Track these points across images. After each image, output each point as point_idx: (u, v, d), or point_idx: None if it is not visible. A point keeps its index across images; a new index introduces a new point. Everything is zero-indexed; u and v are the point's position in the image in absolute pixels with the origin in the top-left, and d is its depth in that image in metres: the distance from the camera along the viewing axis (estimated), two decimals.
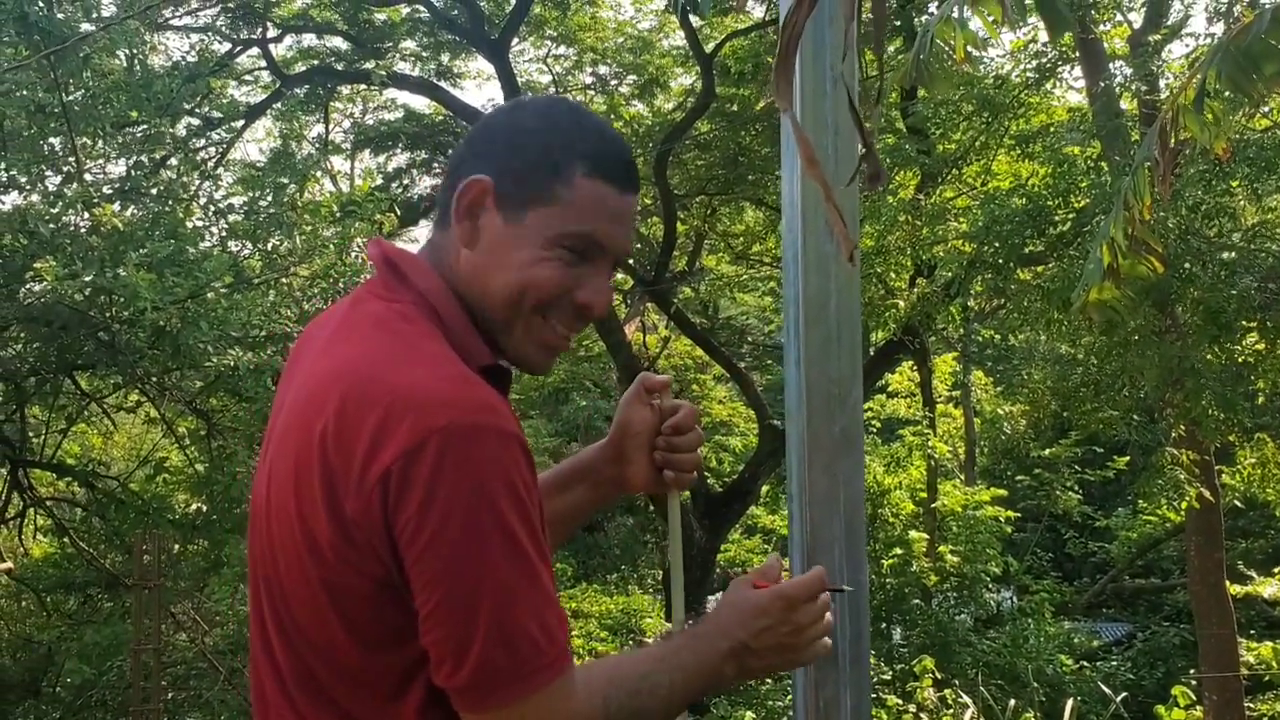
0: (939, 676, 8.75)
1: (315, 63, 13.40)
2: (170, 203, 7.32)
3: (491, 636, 1.15)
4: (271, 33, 12.78)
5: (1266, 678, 10.37)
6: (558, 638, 1.19)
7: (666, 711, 1.32)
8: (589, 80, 14.29)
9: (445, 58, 13.61)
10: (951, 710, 8.11)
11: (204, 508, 8.99)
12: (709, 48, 11.94)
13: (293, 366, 1.38)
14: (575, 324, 1.34)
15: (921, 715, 8.09)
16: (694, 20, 12.02)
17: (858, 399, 1.48)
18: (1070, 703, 7.59)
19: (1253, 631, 12.86)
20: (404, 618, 1.18)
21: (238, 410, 7.77)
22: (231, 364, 6.44)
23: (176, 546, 9.23)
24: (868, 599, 1.50)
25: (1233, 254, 8.37)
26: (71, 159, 7.21)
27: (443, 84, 13.58)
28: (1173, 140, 3.59)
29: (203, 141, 11.94)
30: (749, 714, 9.50)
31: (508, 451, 1.18)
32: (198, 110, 10.69)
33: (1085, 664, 11.83)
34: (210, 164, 10.93)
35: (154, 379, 7.21)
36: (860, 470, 1.48)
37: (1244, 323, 8.18)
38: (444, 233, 1.34)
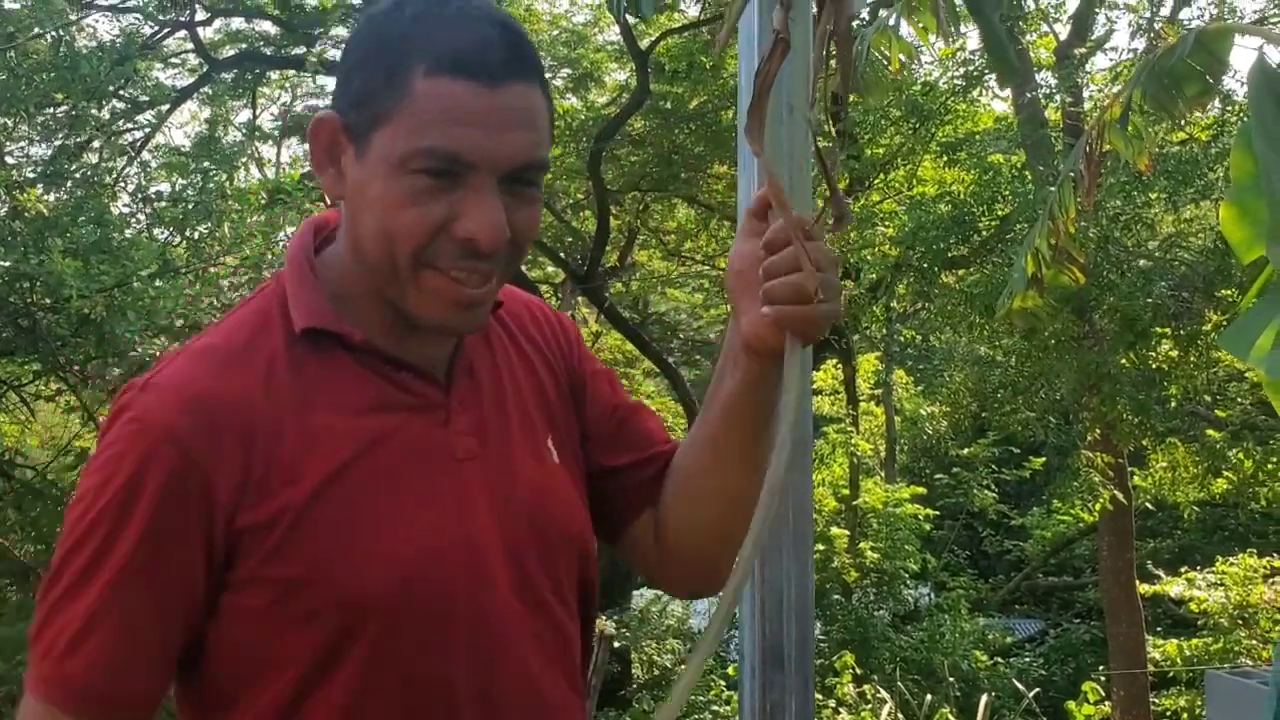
0: (858, 672, 8.90)
1: (244, 47, 13.18)
2: (95, 187, 7.19)
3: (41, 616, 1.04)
4: (200, 15, 12.55)
5: (1171, 674, 10.68)
6: (63, 667, 1.02)
7: None
8: None
9: None
10: (870, 705, 8.26)
11: None
12: (644, 44, 11.97)
13: None
14: (470, 263, 1.04)
15: (841, 710, 8.22)
16: (629, 17, 12.04)
17: (808, 411, 1.52)
18: (985, 698, 7.77)
19: (1159, 629, 13.23)
20: None
21: None
22: (157, 354, 6.35)
23: None
24: (812, 602, 1.54)
25: (1149, 263, 8.63)
26: None
27: None
28: (1097, 154, 3.72)
29: (128, 125, 11.69)
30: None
31: (130, 440, 1.02)
32: (123, 93, 10.47)
33: (999, 660, 12.09)
34: (135, 148, 10.72)
35: (76, 367, 7.08)
36: (808, 479, 1.52)
37: (1158, 330, 8.45)
38: None
